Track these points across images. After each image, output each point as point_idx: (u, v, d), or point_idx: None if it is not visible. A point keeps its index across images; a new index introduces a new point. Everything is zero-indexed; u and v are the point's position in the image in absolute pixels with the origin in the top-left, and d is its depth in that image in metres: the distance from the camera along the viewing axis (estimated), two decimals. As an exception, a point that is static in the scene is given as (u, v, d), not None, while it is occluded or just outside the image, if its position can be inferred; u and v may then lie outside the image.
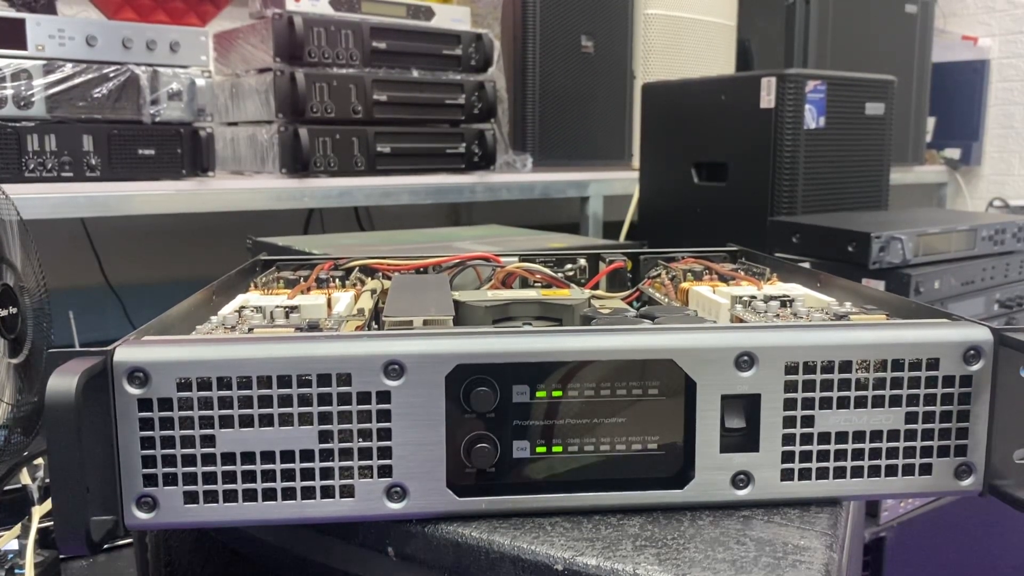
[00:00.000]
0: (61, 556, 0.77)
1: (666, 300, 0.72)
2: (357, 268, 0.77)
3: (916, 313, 0.55)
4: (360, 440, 0.46)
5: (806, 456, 0.48)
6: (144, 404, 0.44)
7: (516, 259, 0.80)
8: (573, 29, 1.97)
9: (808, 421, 0.48)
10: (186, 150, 1.50)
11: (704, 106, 1.51)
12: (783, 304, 0.60)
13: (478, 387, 0.46)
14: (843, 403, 0.48)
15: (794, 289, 0.67)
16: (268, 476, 0.45)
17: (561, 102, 1.97)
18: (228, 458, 0.45)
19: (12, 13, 1.35)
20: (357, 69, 1.67)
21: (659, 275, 0.78)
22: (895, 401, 0.48)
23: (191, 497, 0.45)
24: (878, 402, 0.48)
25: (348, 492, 0.46)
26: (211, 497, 0.45)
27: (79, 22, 1.41)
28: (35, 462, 0.81)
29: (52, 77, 1.35)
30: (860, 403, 0.48)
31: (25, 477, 0.81)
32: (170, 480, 0.45)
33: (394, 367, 0.45)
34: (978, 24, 2.86)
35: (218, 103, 1.79)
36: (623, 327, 0.49)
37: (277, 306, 0.59)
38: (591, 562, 0.43)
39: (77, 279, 1.87)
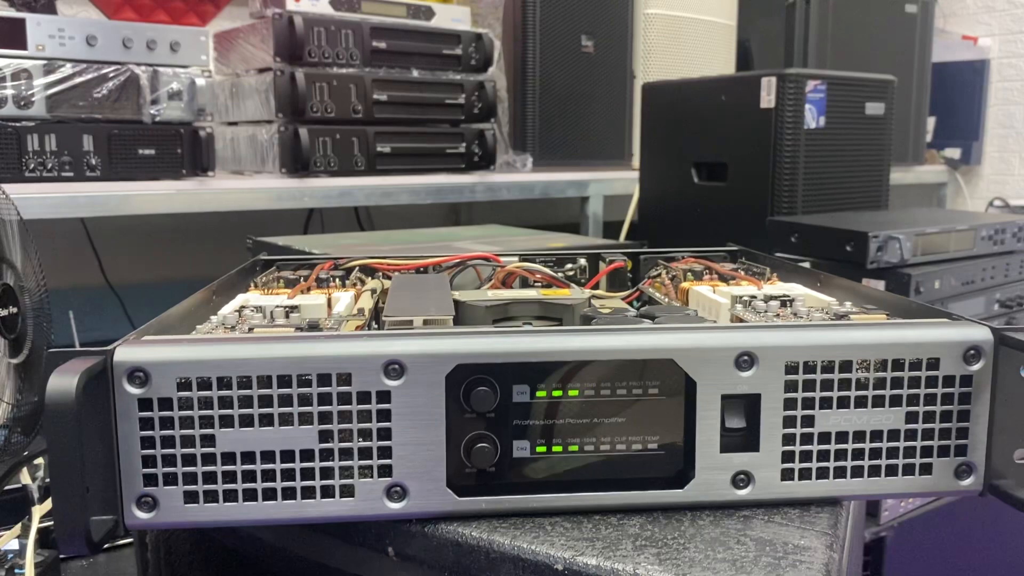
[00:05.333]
0: (61, 556, 0.77)
1: (666, 300, 0.72)
2: (357, 268, 0.77)
3: (916, 313, 0.55)
4: (360, 440, 0.46)
5: (806, 456, 0.48)
6: (144, 404, 0.44)
7: (516, 259, 0.80)
8: (573, 29, 1.97)
9: (808, 421, 0.48)
10: (186, 150, 1.50)
11: (704, 106, 1.50)
12: (783, 304, 0.60)
13: (478, 387, 0.46)
14: (843, 403, 0.48)
15: (794, 289, 0.67)
16: (268, 476, 0.45)
17: (561, 102, 1.97)
18: (228, 458, 0.45)
19: (12, 13, 1.35)
20: (357, 69, 1.67)
21: (659, 275, 0.78)
22: (895, 401, 0.48)
23: (191, 497, 0.45)
24: (878, 402, 0.48)
25: (348, 492, 0.46)
26: (211, 497, 0.45)
27: (79, 22, 1.41)
28: (35, 462, 0.81)
29: (52, 77, 1.35)
30: (860, 403, 0.48)
31: (25, 477, 0.81)
32: (170, 480, 0.45)
33: (394, 367, 0.45)
34: (978, 24, 2.86)
35: (218, 103, 1.79)
36: (623, 327, 0.49)
37: (277, 306, 0.59)
38: (591, 562, 0.43)
39: (77, 279, 1.87)
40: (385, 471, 0.46)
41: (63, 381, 0.40)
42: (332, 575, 0.52)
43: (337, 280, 0.73)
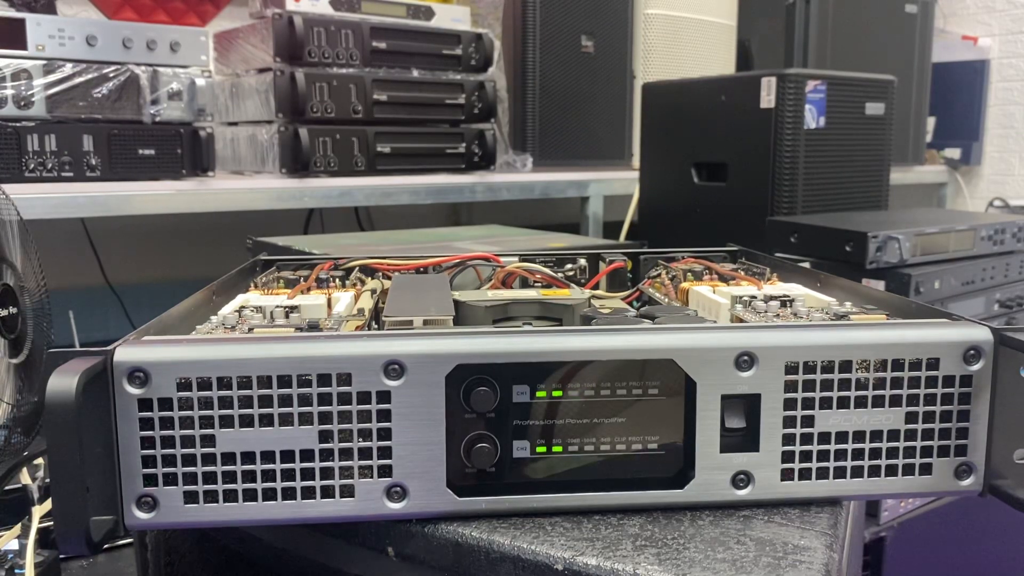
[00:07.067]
0: (61, 556, 0.77)
1: (666, 300, 0.72)
2: (357, 268, 0.77)
3: (916, 313, 0.55)
4: (360, 440, 0.46)
5: (806, 456, 0.48)
6: (144, 404, 0.44)
7: (516, 259, 0.80)
8: (573, 29, 1.97)
9: (808, 421, 0.48)
10: (186, 150, 1.50)
11: (704, 106, 1.51)
12: (783, 304, 0.60)
13: (478, 387, 0.46)
14: (843, 403, 0.48)
15: (794, 289, 0.67)
16: (268, 476, 0.45)
17: (561, 102, 1.97)
18: (228, 458, 0.45)
19: (12, 13, 1.35)
20: (357, 69, 1.67)
21: (659, 275, 0.78)
22: (895, 401, 0.48)
23: (191, 497, 0.45)
24: (878, 402, 0.48)
25: (348, 492, 0.46)
26: (211, 497, 0.45)
27: (79, 22, 1.41)
28: (35, 462, 0.81)
29: (52, 77, 1.35)
30: (860, 403, 0.48)
31: (25, 477, 0.81)
32: (170, 480, 0.45)
33: (394, 367, 0.45)
34: (978, 24, 2.86)
35: (218, 103, 1.79)
36: (623, 327, 0.49)
37: (277, 306, 0.59)
38: (591, 562, 0.43)
39: (77, 279, 1.87)
40: (385, 471, 0.46)
41: (63, 381, 0.40)
42: (332, 575, 0.52)
43: (337, 280, 0.73)
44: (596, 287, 0.80)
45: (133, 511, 0.45)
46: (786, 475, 0.49)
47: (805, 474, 0.49)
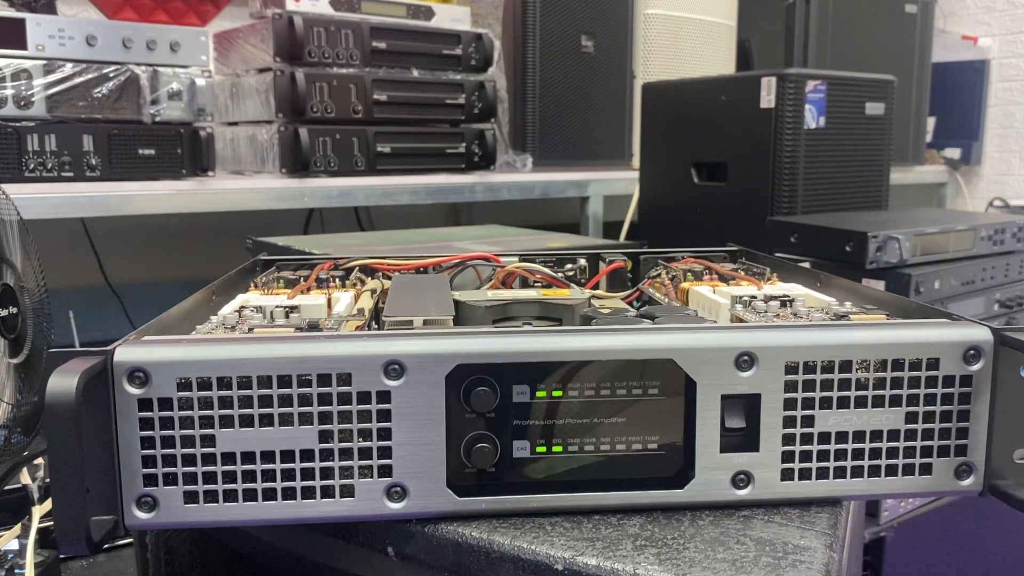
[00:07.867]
0: (61, 556, 0.77)
1: (666, 300, 0.72)
2: (357, 268, 0.77)
3: (916, 313, 0.55)
4: (360, 440, 0.46)
5: (806, 456, 0.48)
6: (144, 404, 0.44)
7: (516, 259, 0.80)
8: (573, 29, 1.97)
9: (808, 421, 0.48)
10: (186, 150, 1.50)
11: (704, 106, 1.50)
12: (783, 304, 0.60)
13: (478, 387, 0.46)
14: (843, 403, 0.48)
15: (794, 289, 0.67)
16: (268, 476, 0.45)
17: (561, 102, 1.97)
18: (228, 458, 0.45)
19: (12, 13, 1.35)
20: (357, 69, 1.67)
21: (659, 275, 0.78)
22: (895, 401, 0.48)
23: (191, 497, 0.45)
24: (878, 402, 0.48)
25: (348, 492, 0.46)
26: (211, 497, 0.45)
27: (79, 22, 1.41)
28: (35, 462, 0.81)
29: (52, 77, 1.35)
30: (860, 403, 0.48)
31: (25, 477, 0.81)
32: (170, 480, 0.45)
33: (394, 367, 0.45)
34: (978, 24, 2.86)
35: (218, 103, 1.79)
36: (623, 327, 0.49)
37: (277, 306, 0.59)
38: (591, 562, 0.43)
39: (77, 279, 1.87)
40: (385, 471, 0.46)
41: (63, 381, 0.40)
42: (332, 575, 0.52)
43: (337, 280, 0.73)
44: (596, 287, 0.80)
45: (133, 511, 0.45)
46: (786, 475, 0.49)
47: (805, 474, 0.49)
